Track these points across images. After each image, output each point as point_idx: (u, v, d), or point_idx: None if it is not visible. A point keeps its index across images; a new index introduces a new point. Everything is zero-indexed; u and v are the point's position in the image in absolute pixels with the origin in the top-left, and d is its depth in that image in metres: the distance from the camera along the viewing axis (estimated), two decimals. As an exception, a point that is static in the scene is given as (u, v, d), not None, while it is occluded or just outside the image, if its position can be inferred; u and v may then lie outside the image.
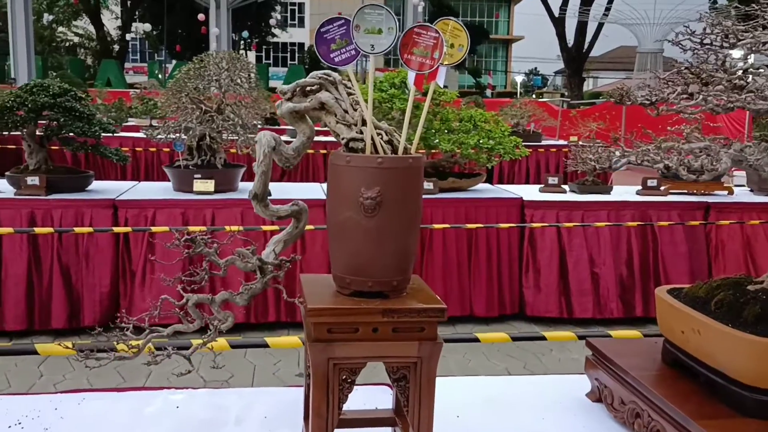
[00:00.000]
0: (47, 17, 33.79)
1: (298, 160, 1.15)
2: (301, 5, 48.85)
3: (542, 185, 5.25)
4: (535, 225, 4.66)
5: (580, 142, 11.56)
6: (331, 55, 1.13)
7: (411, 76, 1.16)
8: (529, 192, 5.12)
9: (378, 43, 1.11)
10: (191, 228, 4.05)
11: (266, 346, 2.41)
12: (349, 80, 1.18)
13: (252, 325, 4.53)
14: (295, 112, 1.16)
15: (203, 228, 4.12)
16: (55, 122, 4.43)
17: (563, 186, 5.25)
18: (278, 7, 39.73)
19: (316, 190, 4.92)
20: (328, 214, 1.16)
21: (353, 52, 1.13)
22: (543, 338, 2.41)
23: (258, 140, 1.08)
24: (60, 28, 39.40)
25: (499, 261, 4.81)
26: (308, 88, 1.17)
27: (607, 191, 5.16)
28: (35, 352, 2.18)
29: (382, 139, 1.14)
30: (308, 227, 1.31)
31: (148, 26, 31.82)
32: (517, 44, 58.44)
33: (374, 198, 1.07)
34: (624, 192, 5.23)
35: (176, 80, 4.69)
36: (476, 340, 2.23)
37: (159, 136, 4.57)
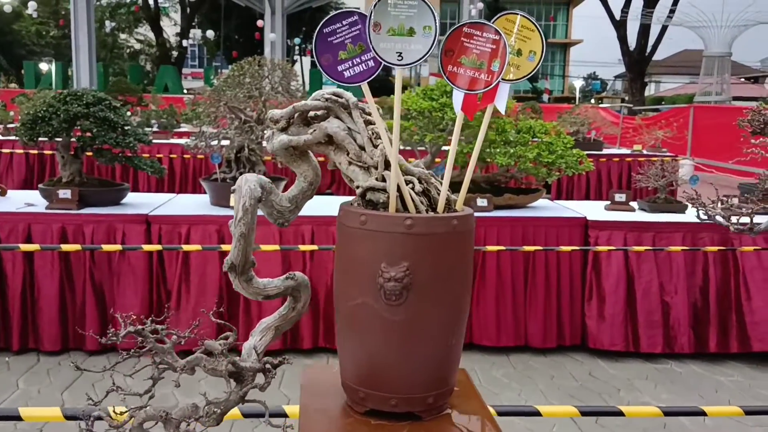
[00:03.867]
0: (109, 24, 34.60)
1: (296, 215, 0.81)
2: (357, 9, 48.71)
3: (608, 203, 4.79)
4: (600, 248, 4.21)
5: (644, 151, 10.95)
6: (339, 68, 0.78)
7: (458, 97, 0.79)
8: (594, 210, 4.67)
9: (408, 50, 0.75)
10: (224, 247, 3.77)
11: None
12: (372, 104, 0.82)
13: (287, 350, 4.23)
14: (292, 148, 0.82)
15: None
16: (88, 132, 4.23)
17: (632, 203, 4.78)
18: (333, 12, 39.74)
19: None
20: (336, 294, 0.81)
21: (371, 64, 0.77)
22: (620, 413, 1.98)
23: (236, 188, 0.74)
24: (122, 35, 40.41)
25: (559, 287, 4.37)
26: (311, 114, 0.83)
27: (682, 210, 4.66)
28: (19, 418, 1.89)
29: (413, 188, 0.78)
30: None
31: (210, 32, 32.21)
32: (575, 48, 57.08)
33: (400, 279, 0.72)
34: (700, 211, 4.72)
35: (215, 88, 4.43)
36: (537, 413, 1.83)
37: (194, 146, 4.32)
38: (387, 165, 0.79)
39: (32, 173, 10.05)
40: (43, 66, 25.71)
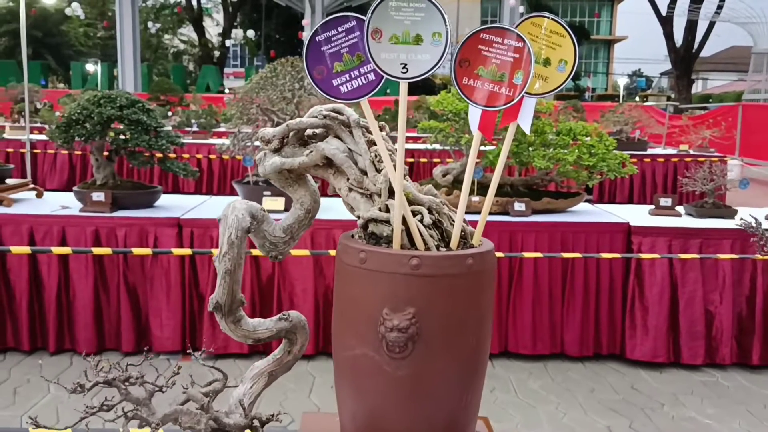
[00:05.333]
0: (154, 25, 35.18)
1: (291, 246, 0.71)
2: (396, 9, 48.52)
3: (652, 207, 4.59)
4: (644, 256, 4.02)
5: (691, 151, 10.59)
6: (335, 82, 0.67)
7: (474, 115, 0.68)
8: (637, 215, 4.48)
9: (414, 60, 0.64)
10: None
11: None
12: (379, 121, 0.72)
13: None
14: (286, 172, 0.72)
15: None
16: (122, 135, 4.22)
17: (678, 208, 4.57)
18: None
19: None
20: (333, 340, 0.71)
21: (371, 77, 0.66)
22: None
23: (222, 217, 0.65)
24: (166, 36, 41.09)
25: (598, 295, 4.20)
26: (308, 133, 0.72)
27: (731, 215, 4.44)
28: None
29: (422, 220, 0.67)
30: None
31: (250, 32, 32.48)
32: (619, 44, 55.98)
33: (404, 329, 0.61)
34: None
35: (247, 90, 4.38)
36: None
37: (226, 149, 4.28)
38: (392, 192, 0.68)
39: (74, 173, 10.22)
40: (90, 67, 26.24)
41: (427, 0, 0.64)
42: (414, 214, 0.68)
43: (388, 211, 0.68)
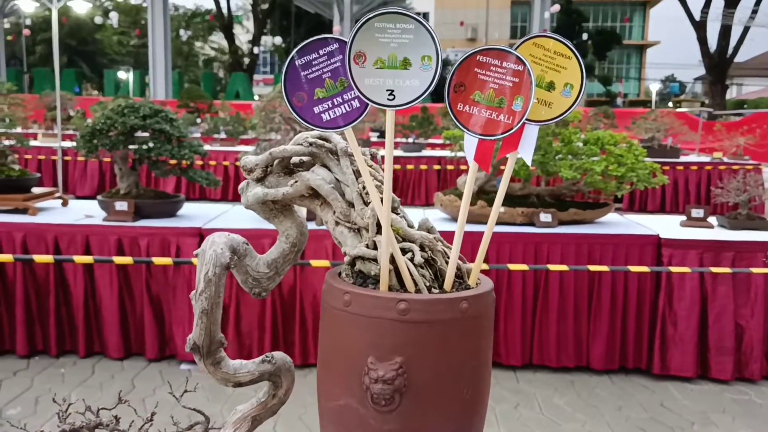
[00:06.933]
0: (185, 33, 35.66)
1: (276, 282, 0.66)
2: (425, 15, 48.65)
3: (684, 218, 4.46)
4: (674, 269, 3.90)
5: (725, 158, 10.35)
6: (316, 109, 0.61)
7: (470, 144, 0.63)
8: (668, 226, 4.35)
9: (402, 87, 0.58)
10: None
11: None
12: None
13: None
14: (271, 203, 0.67)
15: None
16: (145, 145, 4.23)
17: (710, 219, 4.43)
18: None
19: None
20: (318, 387, 0.66)
21: (356, 104, 0.61)
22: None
23: (200, 252, 0.60)
24: (197, 43, 41.64)
25: (626, 308, 4.09)
26: (295, 161, 0.67)
27: (766, 227, 4.30)
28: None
29: (412, 259, 0.61)
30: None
31: (278, 39, 32.72)
32: (652, 49, 55.21)
33: (390, 380, 0.55)
34: (786, 228, 4.33)
35: (270, 98, 4.37)
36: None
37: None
38: (381, 227, 0.63)
39: (104, 180, 10.35)
40: (122, 74, 26.69)
41: (415, 21, 0.59)
42: (404, 251, 0.62)
43: (376, 247, 0.63)
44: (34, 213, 4.25)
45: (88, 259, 3.78)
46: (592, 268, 3.83)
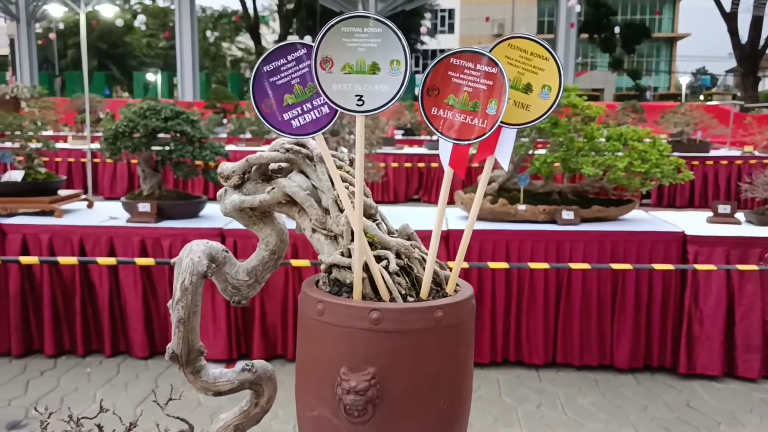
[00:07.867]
0: (212, 34, 36.00)
1: (257, 290, 0.65)
2: (450, 11, 48.34)
3: (710, 215, 4.37)
4: (699, 267, 3.82)
5: (756, 152, 10.12)
6: (285, 116, 0.61)
7: (445, 149, 0.61)
8: (694, 223, 4.27)
9: (370, 92, 0.57)
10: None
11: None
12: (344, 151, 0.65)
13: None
14: (249, 210, 0.66)
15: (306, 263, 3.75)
16: (167, 146, 4.27)
17: (737, 215, 4.34)
18: (428, 15, 39.54)
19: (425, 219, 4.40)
20: (296, 397, 0.65)
21: (325, 110, 0.60)
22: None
23: (177, 260, 0.60)
24: (224, 44, 42.03)
25: (650, 307, 4.02)
26: (273, 167, 0.67)
27: (795, 223, 4.19)
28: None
29: (387, 266, 0.60)
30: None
31: (308, 38, 32.88)
32: (682, 42, 54.26)
33: (362, 391, 0.55)
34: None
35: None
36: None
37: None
38: (353, 235, 0.62)
39: (133, 182, 10.50)
40: (150, 76, 27.04)
41: (383, 24, 0.58)
42: (379, 259, 0.61)
43: (351, 255, 0.62)
44: (59, 215, 4.32)
45: (111, 260, 3.83)
46: (615, 266, 3.78)
